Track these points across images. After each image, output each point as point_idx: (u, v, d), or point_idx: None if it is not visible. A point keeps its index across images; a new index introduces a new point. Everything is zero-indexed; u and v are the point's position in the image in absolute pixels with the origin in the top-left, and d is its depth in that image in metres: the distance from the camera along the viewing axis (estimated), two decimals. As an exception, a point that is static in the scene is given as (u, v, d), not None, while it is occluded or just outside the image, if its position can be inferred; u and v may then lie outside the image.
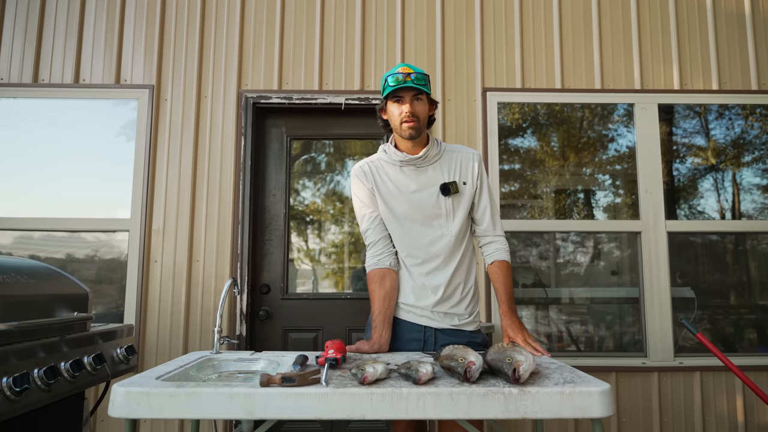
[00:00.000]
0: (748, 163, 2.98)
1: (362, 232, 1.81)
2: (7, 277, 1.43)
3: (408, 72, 1.65)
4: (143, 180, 2.76)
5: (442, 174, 1.76)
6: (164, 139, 2.80)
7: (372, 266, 1.77)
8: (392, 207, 1.75)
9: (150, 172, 2.77)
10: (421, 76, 1.66)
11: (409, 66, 1.68)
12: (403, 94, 1.67)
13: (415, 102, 1.67)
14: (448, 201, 1.74)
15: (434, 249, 1.75)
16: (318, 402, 1.13)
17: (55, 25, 2.89)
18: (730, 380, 2.72)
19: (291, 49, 2.91)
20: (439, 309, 1.75)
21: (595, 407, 1.13)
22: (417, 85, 1.64)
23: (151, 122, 2.80)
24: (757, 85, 2.93)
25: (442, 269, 1.75)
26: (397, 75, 1.65)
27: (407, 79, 1.63)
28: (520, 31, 2.96)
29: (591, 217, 2.97)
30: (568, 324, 2.87)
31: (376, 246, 1.78)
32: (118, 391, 1.14)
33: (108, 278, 2.77)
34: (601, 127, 2.99)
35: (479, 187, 1.79)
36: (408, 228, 1.75)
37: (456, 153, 1.81)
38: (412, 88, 1.65)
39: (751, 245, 2.90)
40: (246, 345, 2.69)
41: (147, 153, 2.77)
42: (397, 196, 1.75)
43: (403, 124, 1.68)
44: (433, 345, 1.74)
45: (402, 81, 1.63)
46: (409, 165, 1.75)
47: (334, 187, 3.01)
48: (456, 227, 1.76)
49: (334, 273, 2.95)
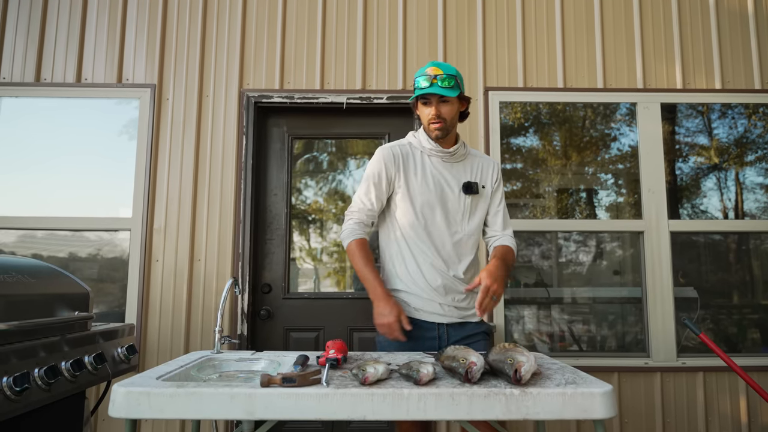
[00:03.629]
0: (751, 163, 2.97)
1: (358, 201, 1.80)
2: (8, 277, 1.43)
3: (436, 74, 1.66)
4: (145, 179, 2.76)
5: (465, 173, 1.81)
6: (166, 139, 2.80)
7: (352, 236, 1.77)
8: (414, 194, 1.77)
9: (152, 171, 2.77)
10: (450, 79, 1.66)
11: (438, 66, 1.69)
12: (430, 97, 1.70)
13: (441, 104, 1.70)
14: (468, 200, 1.80)
15: (449, 243, 1.77)
16: (318, 402, 1.13)
17: (57, 24, 2.89)
18: (733, 381, 2.71)
19: (293, 48, 2.90)
20: (446, 302, 1.76)
21: (597, 408, 1.12)
22: (443, 90, 1.65)
23: (153, 121, 2.80)
24: (761, 84, 2.92)
25: (453, 264, 1.78)
26: (425, 76, 1.67)
27: (434, 82, 1.65)
28: (522, 30, 2.95)
29: (593, 216, 2.96)
30: (570, 324, 2.86)
31: (359, 221, 1.79)
32: (118, 391, 1.14)
33: (110, 277, 2.77)
34: (604, 127, 2.98)
35: (496, 192, 1.87)
36: (425, 218, 1.77)
37: (478, 158, 1.88)
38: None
39: (754, 245, 2.89)
40: (247, 344, 2.69)
41: (149, 152, 2.77)
42: (421, 183, 1.77)
43: (431, 125, 1.73)
44: (446, 340, 1.75)
45: (428, 85, 1.65)
46: (438, 156, 1.79)
47: (336, 187, 3.01)
48: (471, 227, 1.81)
49: (336, 272, 2.95)
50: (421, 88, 1.67)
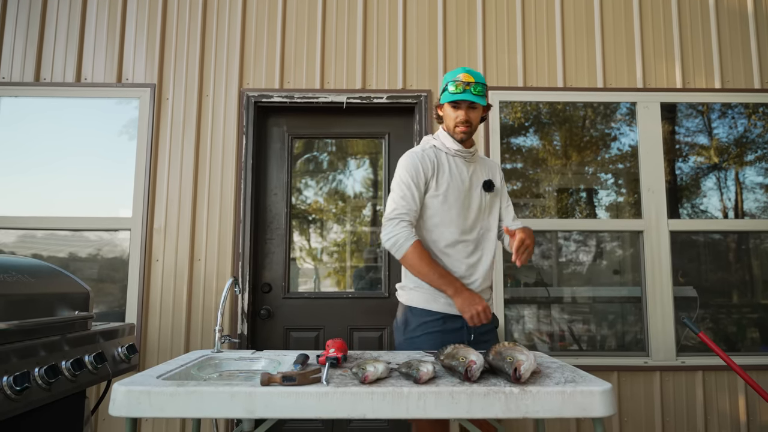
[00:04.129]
0: (750, 162, 2.97)
1: (402, 203, 1.78)
2: (8, 276, 1.43)
3: (468, 81, 1.75)
4: (145, 179, 2.76)
5: (481, 172, 1.95)
6: (166, 138, 2.81)
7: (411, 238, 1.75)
8: (447, 194, 1.83)
9: (151, 171, 2.77)
10: (480, 87, 1.77)
11: (470, 73, 1.78)
12: (461, 102, 1.79)
13: (470, 110, 1.80)
14: (487, 197, 1.92)
15: (476, 239, 1.87)
16: (318, 401, 1.13)
17: (57, 24, 2.89)
18: (732, 380, 2.71)
19: (292, 47, 2.90)
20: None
21: (596, 407, 1.13)
22: (475, 98, 1.76)
23: (153, 121, 2.80)
24: (760, 84, 2.92)
25: (479, 258, 1.87)
26: (457, 82, 1.76)
27: (467, 89, 1.75)
28: (522, 30, 2.95)
29: (593, 216, 2.96)
30: (570, 323, 2.86)
31: (410, 223, 1.77)
32: (118, 390, 1.14)
33: (110, 277, 2.77)
34: (604, 126, 2.98)
35: (503, 190, 2.03)
36: (457, 216, 1.84)
37: (484, 159, 2.03)
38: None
39: (754, 244, 2.89)
40: (247, 344, 2.69)
41: (148, 152, 2.78)
42: (451, 183, 1.85)
43: (457, 128, 1.83)
44: (471, 334, 1.81)
45: (461, 91, 1.75)
46: (461, 157, 1.89)
47: (337, 186, 3.01)
48: (491, 222, 1.93)
49: (336, 272, 2.95)
50: (453, 92, 1.76)
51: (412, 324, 1.79)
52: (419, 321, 1.79)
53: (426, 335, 1.77)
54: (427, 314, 1.78)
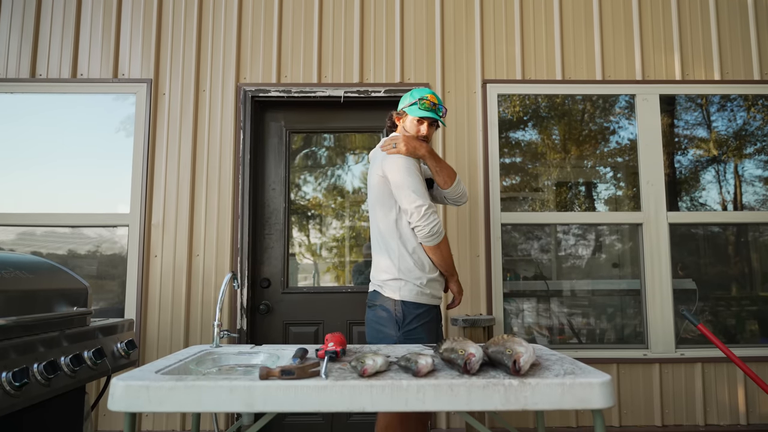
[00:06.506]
0: (750, 155, 2.96)
1: (425, 198, 1.88)
2: (6, 273, 1.43)
3: (435, 102, 1.98)
4: (142, 175, 2.75)
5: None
6: (163, 134, 2.79)
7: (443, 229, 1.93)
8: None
9: (149, 167, 2.76)
10: (441, 110, 2.01)
11: (435, 96, 2.00)
12: (426, 118, 1.97)
13: (430, 127, 2.01)
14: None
15: None
16: (317, 395, 1.13)
17: (52, 19, 2.87)
18: (731, 371, 2.72)
19: (289, 42, 2.89)
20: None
21: (595, 398, 1.13)
22: (439, 119, 1.99)
23: (150, 116, 2.79)
24: (760, 75, 2.91)
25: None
26: (426, 102, 1.96)
27: (434, 109, 1.96)
28: (521, 22, 2.93)
29: (592, 209, 2.96)
30: (569, 316, 2.86)
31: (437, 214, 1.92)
32: (117, 384, 1.14)
33: (109, 274, 2.77)
34: (603, 119, 2.97)
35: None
36: None
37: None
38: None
39: (753, 236, 2.89)
40: (247, 339, 2.69)
41: (146, 147, 2.77)
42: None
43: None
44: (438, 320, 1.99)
45: (432, 111, 1.96)
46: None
47: (335, 182, 3.00)
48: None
49: (335, 267, 2.95)
50: (425, 109, 1.96)
51: (407, 317, 1.86)
52: (414, 314, 1.86)
53: (422, 326, 1.87)
54: (419, 307, 1.88)
